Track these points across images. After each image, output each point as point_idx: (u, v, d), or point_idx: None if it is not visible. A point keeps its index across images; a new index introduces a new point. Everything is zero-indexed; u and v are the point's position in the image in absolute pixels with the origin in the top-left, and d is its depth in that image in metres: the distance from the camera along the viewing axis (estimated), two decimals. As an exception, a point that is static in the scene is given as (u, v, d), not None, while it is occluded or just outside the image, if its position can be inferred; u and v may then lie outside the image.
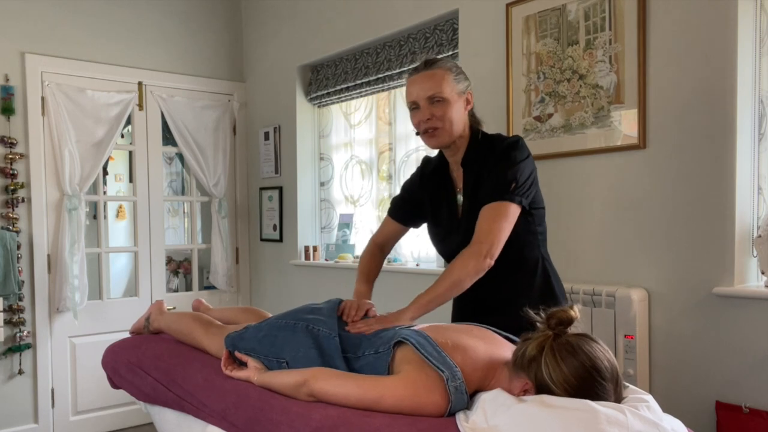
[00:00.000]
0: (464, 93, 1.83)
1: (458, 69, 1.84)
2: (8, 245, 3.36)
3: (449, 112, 1.79)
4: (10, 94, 3.53)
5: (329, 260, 3.81)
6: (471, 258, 1.70)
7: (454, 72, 1.81)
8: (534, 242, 1.85)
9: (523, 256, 1.83)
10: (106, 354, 2.25)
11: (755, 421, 2.02)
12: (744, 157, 2.11)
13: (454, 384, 1.36)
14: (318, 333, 1.67)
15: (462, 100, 1.83)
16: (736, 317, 2.09)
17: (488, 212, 1.72)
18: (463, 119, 1.84)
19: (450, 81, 1.79)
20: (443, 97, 1.78)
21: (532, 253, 1.85)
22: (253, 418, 1.55)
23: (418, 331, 1.50)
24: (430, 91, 1.78)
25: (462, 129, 1.84)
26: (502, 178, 1.74)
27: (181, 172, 5.13)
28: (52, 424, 3.71)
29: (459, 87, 1.81)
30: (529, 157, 1.80)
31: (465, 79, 1.85)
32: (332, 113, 3.98)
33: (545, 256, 1.89)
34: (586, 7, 2.44)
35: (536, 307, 1.42)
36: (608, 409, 1.21)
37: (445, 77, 1.79)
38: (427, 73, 1.80)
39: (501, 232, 1.71)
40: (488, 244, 1.69)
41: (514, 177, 1.73)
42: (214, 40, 4.34)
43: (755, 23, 2.12)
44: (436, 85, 1.78)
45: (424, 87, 1.79)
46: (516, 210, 1.74)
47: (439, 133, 1.81)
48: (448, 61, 1.85)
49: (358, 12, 3.53)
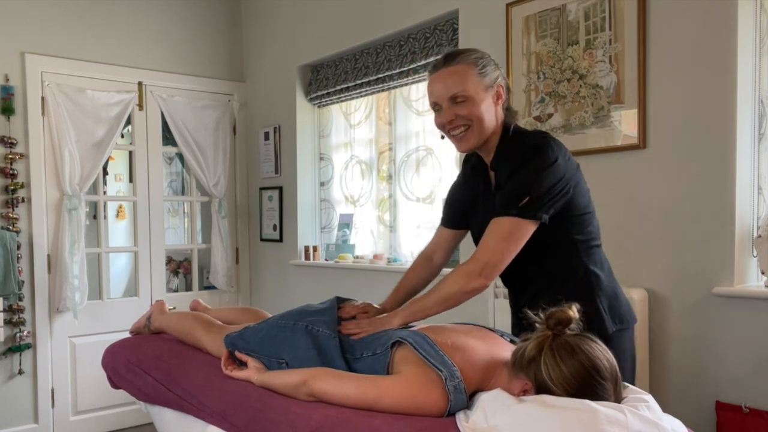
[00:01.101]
0: (493, 86, 1.64)
1: (484, 60, 1.65)
2: (8, 245, 3.36)
3: (476, 110, 1.61)
4: (10, 94, 3.53)
5: (329, 260, 3.81)
6: (462, 276, 1.59)
7: (479, 65, 1.62)
8: (570, 250, 1.65)
9: (554, 267, 1.66)
10: (106, 354, 2.25)
11: (755, 421, 2.02)
12: (744, 157, 2.11)
13: (452, 383, 1.36)
14: (318, 333, 1.67)
15: (491, 95, 1.64)
16: (736, 317, 2.09)
17: (494, 228, 1.58)
18: (495, 116, 1.65)
19: (474, 76, 1.61)
20: (467, 96, 1.61)
21: (568, 264, 1.66)
22: (253, 418, 1.55)
23: (416, 331, 1.50)
24: (451, 90, 1.62)
25: (494, 127, 1.66)
26: (514, 190, 1.57)
27: (181, 172, 5.13)
28: (52, 424, 3.70)
29: (486, 81, 1.62)
30: (557, 162, 1.57)
31: (495, 70, 1.66)
32: (332, 113, 3.98)
33: (588, 266, 1.66)
34: (586, 7, 2.44)
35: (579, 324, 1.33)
36: (608, 409, 1.21)
37: (468, 73, 1.61)
38: (446, 70, 1.63)
39: (502, 253, 1.56)
40: (484, 263, 1.57)
41: (527, 189, 1.55)
42: (214, 40, 4.34)
43: (755, 23, 2.12)
44: (458, 83, 1.61)
45: (445, 86, 1.63)
46: (528, 226, 1.56)
47: (467, 135, 1.64)
48: (471, 52, 1.65)
49: (358, 12, 3.53)
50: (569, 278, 1.66)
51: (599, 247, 1.73)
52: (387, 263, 3.42)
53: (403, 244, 3.48)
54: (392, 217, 3.55)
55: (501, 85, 1.67)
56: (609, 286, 1.69)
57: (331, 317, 1.72)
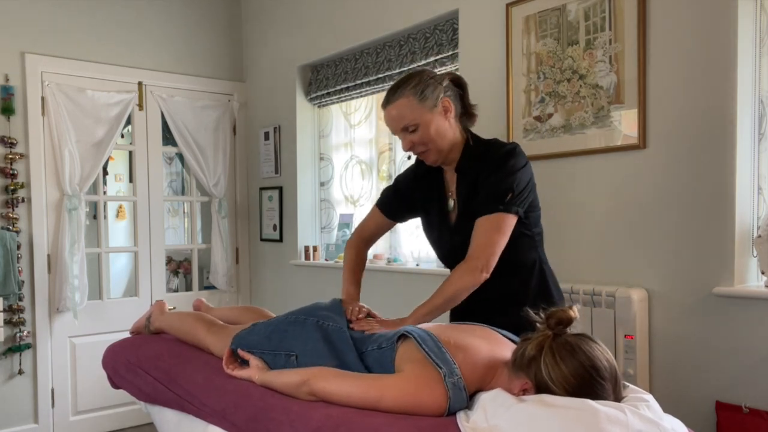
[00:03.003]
0: (437, 104, 1.75)
1: (422, 83, 1.75)
2: (8, 245, 3.36)
3: (427, 134, 1.75)
4: (10, 94, 3.53)
5: (329, 260, 3.81)
6: (467, 273, 1.70)
7: (417, 92, 1.74)
8: (530, 244, 1.84)
9: (518, 258, 1.82)
10: (106, 354, 2.25)
11: (755, 421, 2.02)
12: (744, 157, 2.11)
13: (451, 380, 1.37)
14: (328, 327, 1.69)
15: (438, 113, 1.76)
16: (736, 317, 2.09)
17: (484, 225, 1.71)
18: (449, 129, 1.79)
19: (414, 105, 1.73)
20: (415, 124, 1.75)
21: (528, 255, 1.84)
22: (254, 417, 1.55)
23: (422, 328, 1.52)
24: (399, 123, 1.77)
25: (452, 138, 1.80)
26: (498, 189, 1.71)
27: (181, 172, 5.13)
28: (52, 424, 3.70)
29: (428, 103, 1.74)
30: (528, 164, 1.78)
31: (435, 88, 1.75)
32: (332, 113, 3.98)
33: (542, 257, 1.88)
34: (586, 7, 2.45)
35: (533, 308, 1.42)
36: (608, 408, 1.22)
37: (408, 104, 1.74)
38: (390, 107, 1.78)
39: (496, 246, 1.70)
40: (484, 259, 1.69)
41: (510, 187, 1.71)
42: (214, 40, 4.35)
43: (755, 23, 2.12)
44: (402, 116, 1.75)
45: (393, 121, 1.78)
46: (512, 220, 1.72)
47: (428, 154, 1.80)
48: (410, 81, 1.76)
49: (358, 12, 3.53)
50: (531, 268, 1.84)
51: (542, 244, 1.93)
52: (387, 263, 3.43)
53: (403, 244, 3.48)
54: (392, 217, 3.55)
55: (446, 99, 1.77)
56: (552, 275, 1.91)
57: (339, 313, 1.74)
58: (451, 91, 1.79)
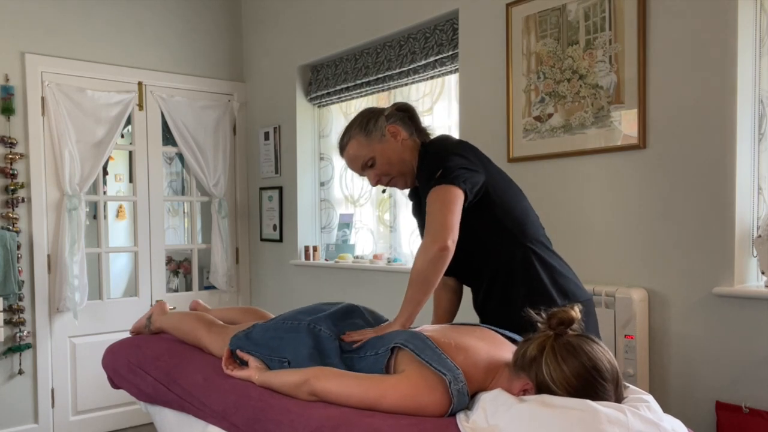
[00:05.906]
0: (384, 135, 1.82)
1: (363, 118, 1.85)
2: (8, 245, 3.36)
3: (384, 164, 1.83)
4: (10, 94, 3.53)
5: (329, 260, 3.81)
6: (421, 252, 1.66)
7: (363, 129, 1.83)
8: (510, 240, 1.76)
9: (492, 251, 1.77)
10: (106, 354, 2.25)
11: (755, 421, 2.02)
12: (744, 157, 2.11)
13: (456, 387, 1.36)
14: (319, 333, 1.68)
15: (387, 141, 1.82)
16: (736, 317, 2.09)
17: (427, 205, 1.70)
18: (404, 152, 1.83)
19: (362, 142, 1.82)
20: (369, 158, 1.83)
21: (509, 251, 1.76)
22: (254, 417, 1.55)
23: (416, 333, 1.50)
24: (357, 163, 1.85)
25: (410, 157, 1.84)
26: (426, 172, 1.75)
27: (181, 172, 5.13)
28: (52, 424, 3.70)
29: (375, 135, 1.82)
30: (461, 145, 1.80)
31: (375, 123, 1.83)
32: (332, 113, 3.98)
33: (532, 248, 1.77)
34: (586, 7, 2.45)
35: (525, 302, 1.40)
36: (609, 409, 1.22)
37: (357, 144, 1.83)
38: (344, 152, 1.87)
39: (442, 215, 1.65)
40: (432, 232, 1.64)
41: (437, 166, 1.70)
42: (214, 40, 4.34)
43: (755, 23, 2.12)
44: (357, 155, 1.84)
45: (351, 162, 1.87)
46: (451, 188, 1.66)
47: (395, 181, 1.88)
48: (354, 122, 1.86)
49: (358, 12, 3.53)
50: (509, 261, 1.76)
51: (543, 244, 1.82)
52: (387, 263, 3.42)
53: (403, 244, 3.48)
54: (392, 217, 3.55)
55: (390, 125, 1.83)
56: (548, 265, 1.79)
57: (333, 320, 1.72)
58: (395, 116, 1.85)
